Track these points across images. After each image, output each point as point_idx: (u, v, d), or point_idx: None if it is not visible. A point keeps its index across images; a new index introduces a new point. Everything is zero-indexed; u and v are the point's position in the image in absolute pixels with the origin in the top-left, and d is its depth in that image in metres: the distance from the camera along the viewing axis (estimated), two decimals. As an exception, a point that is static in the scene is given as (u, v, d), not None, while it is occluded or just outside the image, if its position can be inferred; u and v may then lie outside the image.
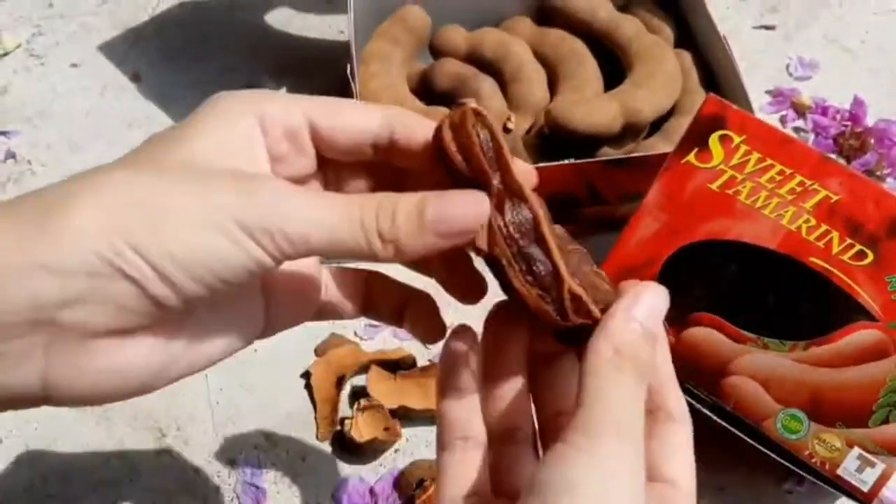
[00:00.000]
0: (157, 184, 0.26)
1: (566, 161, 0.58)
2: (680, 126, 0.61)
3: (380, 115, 0.30)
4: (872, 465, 0.46)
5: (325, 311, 0.35)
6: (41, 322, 0.24)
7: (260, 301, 0.31)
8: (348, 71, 0.61)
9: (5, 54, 0.75)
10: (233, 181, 0.26)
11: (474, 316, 0.34)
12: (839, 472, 0.46)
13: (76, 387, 0.26)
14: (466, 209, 0.28)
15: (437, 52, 0.68)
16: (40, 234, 0.24)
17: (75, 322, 0.25)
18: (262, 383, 0.57)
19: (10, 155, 0.69)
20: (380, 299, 0.35)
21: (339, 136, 0.30)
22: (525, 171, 0.31)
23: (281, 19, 0.77)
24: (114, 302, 0.25)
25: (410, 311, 0.34)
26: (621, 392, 0.27)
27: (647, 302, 0.29)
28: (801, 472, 0.47)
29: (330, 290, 0.34)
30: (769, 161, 0.48)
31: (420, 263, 0.34)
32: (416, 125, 0.30)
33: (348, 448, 0.54)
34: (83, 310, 0.25)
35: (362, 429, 0.53)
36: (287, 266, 0.29)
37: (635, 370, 0.27)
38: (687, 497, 0.29)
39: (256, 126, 0.29)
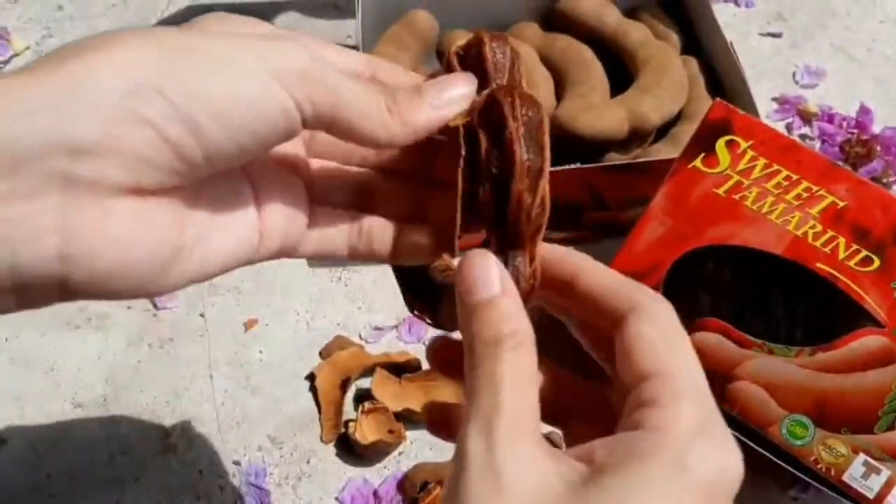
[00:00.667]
0: (184, 34, 0.25)
1: (572, 166, 0.58)
2: (686, 132, 0.61)
3: (363, 57, 0.31)
4: (878, 471, 0.46)
5: (313, 241, 0.33)
6: (54, 176, 0.23)
7: (253, 211, 0.30)
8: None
9: (15, 56, 0.75)
10: (260, 35, 0.26)
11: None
12: (845, 478, 0.46)
13: (96, 266, 0.24)
14: (454, 80, 0.30)
15: (444, 56, 0.68)
16: (52, 75, 0.23)
17: (89, 176, 0.23)
18: (267, 385, 0.57)
19: (19, 156, 0.69)
20: (371, 235, 0.33)
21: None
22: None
23: (289, 24, 0.78)
24: (131, 152, 0.24)
25: (403, 243, 0.33)
26: (478, 395, 0.25)
27: (473, 272, 0.27)
28: (806, 479, 0.47)
29: (318, 216, 0.33)
30: (776, 167, 0.48)
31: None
32: (398, 70, 0.32)
33: (353, 450, 0.54)
34: (98, 162, 0.23)
35: (366, 431, 0.53)
36: (275, 183, 0.30)
37: (490, 362, 0.25)
38: (683, 379, 0.25)
39: None
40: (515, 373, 0.25)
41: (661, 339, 0.26)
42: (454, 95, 0.30)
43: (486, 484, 0.23)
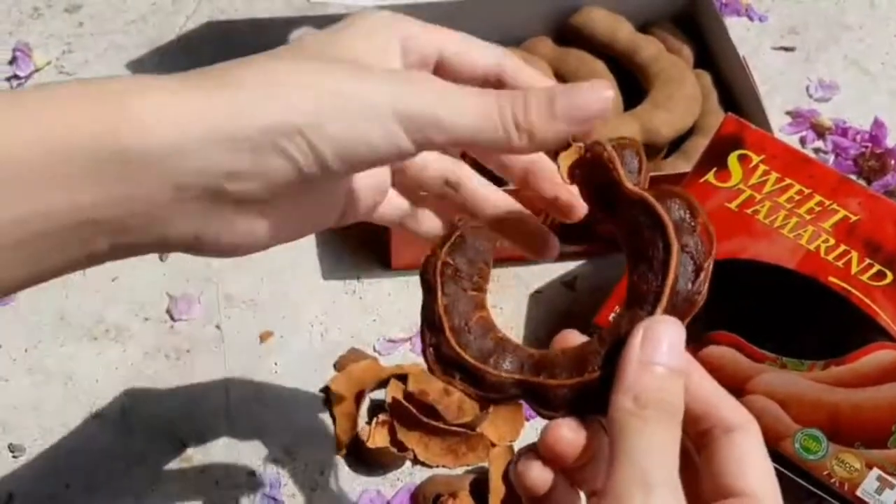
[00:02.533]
0: (322, 70, 0.28)
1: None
2: (699, 146, 0.61)
3: (497, 52, 0.33)
4: (892, 486, 0.45)
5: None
6: (209, 189, 0.27)
7: (344, 189, 0.34)
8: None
9: (36, 71, 0.77)
10: (392, 74, 0.29)
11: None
12: (858, 493, 0.46)
13: (220, 242, 0.30)
14: (592, 95, 0.29)
15: (458, 71, 0.68)
16: (213, 106, 0.27)
17: (236, 191, 0.28)
18: (282, 397, 0.57)
19: (39, 169, 0.70)
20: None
21: (462, 70, 0.33)
22: None
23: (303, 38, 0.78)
24: (270, 177, 0.28)
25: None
26: (647, 443, 0.25)
27: (661, 338, 0.27)
28: (820, 493, 0.47)
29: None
30: (788, 181, 0.48)
31: (494, 225, 0.37)
32: (524, 68, 0.34)
33: (362, 458, 0.54)
34: (245, 182, 0.27)
35: (376, 437, 0.54)
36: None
37: (661, 415, 0.26)
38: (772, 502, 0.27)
39: (398, 45, 0.31)
40: (676, 447, 0.26)
41: (766, 463, 0.28)
42: (591, 109, 0.29)
43: None
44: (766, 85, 0.73)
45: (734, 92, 0.66)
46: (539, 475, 0.29)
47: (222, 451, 0.55)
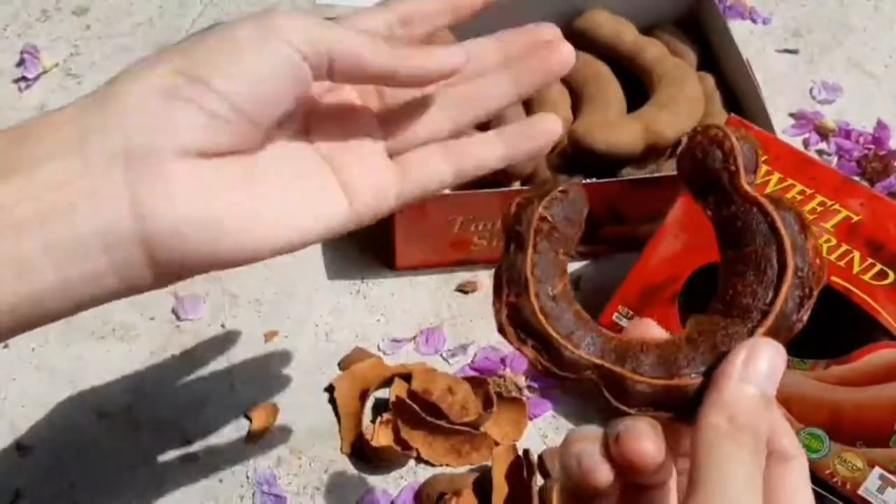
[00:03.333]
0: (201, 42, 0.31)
1: (589, 181, 0.58)
2: (702, 147, 0.61)
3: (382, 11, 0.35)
4: (894, 484, 0.46)
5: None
6: (115, 153, 0.28)
7: (328, 173, 0.34)
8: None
9: (44, 73, 0.77)
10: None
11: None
12: (861, 491, 0.46)
13: (171, 213, 0.29)
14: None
15: (462, 73, 0.69)
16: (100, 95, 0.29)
17: (142, 148, 0.28)
18: (287, 396, 0.58)
19: (47, 170, 0.71)
20: None
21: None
22: None
23: (310, 41, 0.79)
24: (176, 124, 0.28)
25: None
26: (738, 469, 0.24)
27: (765, 361, 0.26)
28: (822, 492, 0.47)
29: None
30: (790, 181, 0.49)
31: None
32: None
33: (366, 456, 0.54)
34: (148, 136, 0.28)
35: (380, 436, 0.54)
36: (341, 137, 0.35)
37: (753, 443, 0.25)
38: None
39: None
40: (761, 478, 0.25)
41: (811, 495, 0.28)
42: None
43: None
44: (769, 87, 0.73)
45: (737, 94, 0.66)
46: (605, 475, 0.27)
47: (227, 449, 0.56)
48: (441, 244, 0.60)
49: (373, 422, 0.56)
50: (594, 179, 0.59)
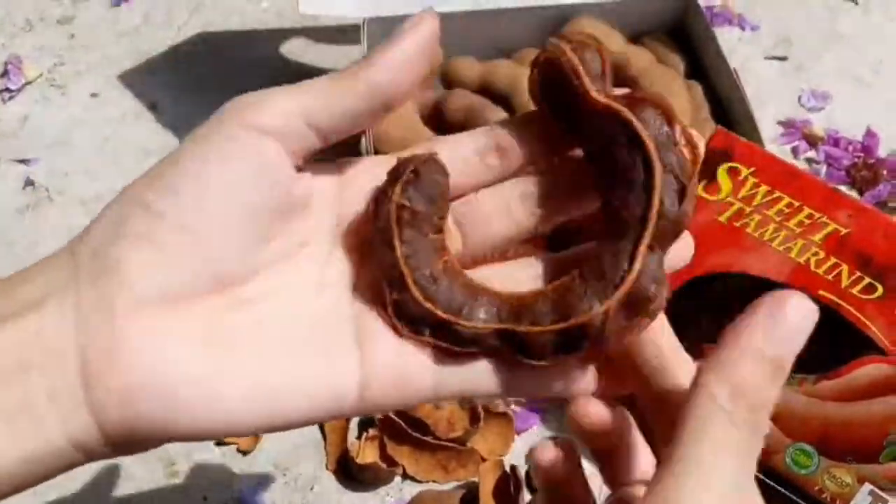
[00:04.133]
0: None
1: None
2: (690, 157, 0.61)
3: (479, 131, 0.29)
4: (885, 501, 0.45)
5: None
6: (68, 310, 0.24)
7: (353, 346, 0.27)
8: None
9: (27, 83, 0.77)
10: None
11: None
12: (850, 508, 0.46)
13: (116, 380, 0.23)
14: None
15: (449, 83, 0.68)
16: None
17: (93, 298, 0.24)
18: (272, 411, 0.57)
19: (30, 182, 0.70)
20: None
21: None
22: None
23: (296, 50, 0.78)
24: (128, 268, 0.24)
25: None
26: (732, 456, 0.22)
27: (788, 322, 0.22)
28: (811, 508, 0.47)
29: None
30: (777, 193, 0.48)
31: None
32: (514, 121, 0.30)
33: (351, 473, 0.54)
34: (98, 284, 0.24)
35: (366, 453, 0.53)
36: None
37: (756, 426, 0.22)
38: None
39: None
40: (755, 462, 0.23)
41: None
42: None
43: None
44: (757, 95, 0.73)
45: (726, 103, 0.65)
46: (556, 459, 0.27)
47: (211, 467, 0.55)
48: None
49: (358, 438, 0.55)
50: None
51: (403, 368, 0.26)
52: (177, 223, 0.24)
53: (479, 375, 0.27)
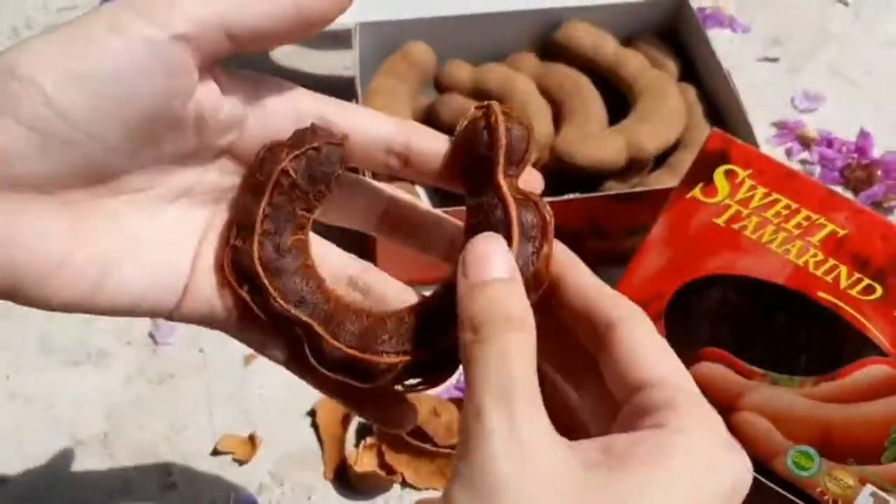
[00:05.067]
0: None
1: (571, 196, 0.58)
2: (685, 160, 0.61)
3: (394, 122, 0.30)
4: (886, 502, 0.45)
5: None
6: None
7: (188, 256, 0.29)
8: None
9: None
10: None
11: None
12: (852, 510, 0.45)
13: (33, 258, 0.25)
14: None
15: (441, 87, 0.68)
16: None
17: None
18: (268, 420, 0.56)
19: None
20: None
21: (353, 139, 0.29)
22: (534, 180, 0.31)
23: (288, 55, 0.78)
24: None
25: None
26: (492, 364, 0.24)
27: (482, 255, 0.26)
28: (813, 510, 0.46)
29: None
30: (775, 195, 0.48)
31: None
32: (432, 136, 0.30)
33: (350, 482, 0.53)
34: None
35: (364, 461, 0.53)
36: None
37: (495, 327, 0.24)
38: (677, 384, 0.26)
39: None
40: (526, 353, 0.24)
41: (662, 348, 0.27)
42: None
43: (513, 458, 0.22)
44: (750, 96, 0.73)
45: (719, 105, 0.65)
46: None
47: (207, 476, 0.54)
48: (421, 262, 0.59)
49: (356, 446, 0.55)
50: (577, 195, 0.58)
51: (215, 302, 0.29)
52: (51, 98, 0.24)
53: (270, 347, 0.30)
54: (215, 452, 0.55)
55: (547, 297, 0.28)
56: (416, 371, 0.28)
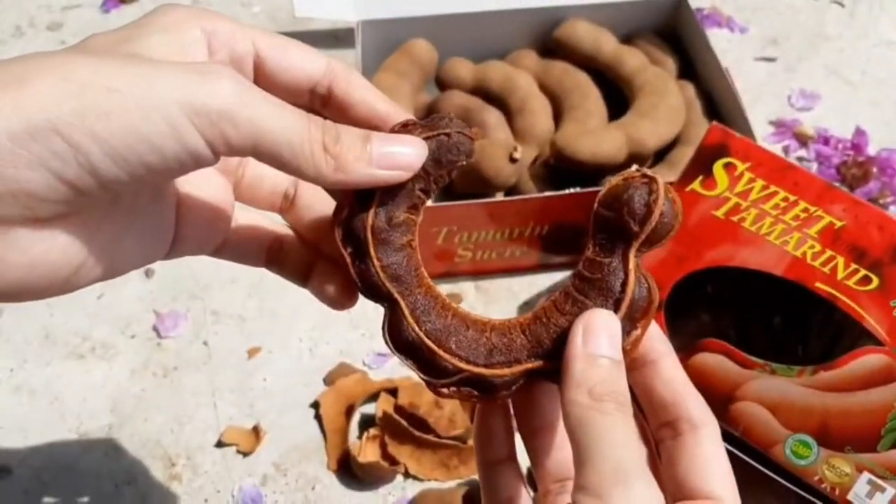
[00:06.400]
0: (94, 62, 0.24)
1: (571, 190, 0.58)
2: (684, 156, 0.62)
3: (325, 61, 0.30)
4: (882, 489, 0.46)
5: (230, 248, 0.34)
6: None
7: (172, 216, 0.31)
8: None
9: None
10: (185, 66, 0.25)
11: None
12: (849, 497, 0.46)
13: (5, 275, 0.25)
14: (408, 148, 0.29)
15: (443, 84, 0.69)
16: None
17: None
18: (271, 413, 0.57)
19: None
20: (287, 255, 0.34)
21: (283, 74, 0.30)
22: None
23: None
24: (25, 192, 0.24)
25: (319, 271, 0.34)
26: (613, 435, 0.26)
27: (601, 331, 0.28)
28: (811, 498, 0.47)
29: (240, 226, 0.34)
30: (773, 188, 0.49)
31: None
32: (357, 80, 0.31)
33: (353, 473, 0.54)
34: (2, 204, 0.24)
35: (367, 452, 0.53)
36: (201, 189, 0.30)
37: (618, 406, 0.26)
38: None
39: (204, 42, 0.28)
40: (636, 435, 0.27)
41: (727, 467, 0.29)
42: (401, 161, 0.28)
43: None
44: (748, 95, 0.74)
45: (717, 102, 0.66)
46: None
47: (212, 467, 0.55)
48: (424, 256, 0.59)
49: (359, 438, 0.55)
50: (577, 189, 0.59)
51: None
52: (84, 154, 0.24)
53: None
54: (219, 444, 0.56)
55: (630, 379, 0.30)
56: (474, 385, 0.29)
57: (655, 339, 0.31)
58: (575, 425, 0.26)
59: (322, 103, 0.31)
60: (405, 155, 0.28)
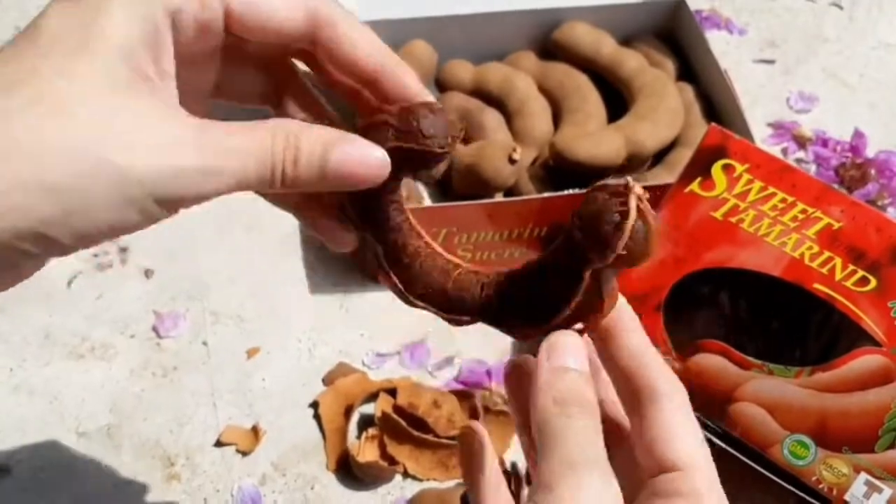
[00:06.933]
0: (65, 128, 0.25)
1: (570, 191, 0.59)
2: (682, 158, 0.62)
3: (303, 12, 0.30)
4: (880, 490, 0.46)
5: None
6: None
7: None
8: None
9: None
10: (152, 140, 0.26)
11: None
12: (847, 497, 0.46)
13: None
14: (365, 157, 0.29)
15: (443, 86, 0.69)
16: None
17: None
18: (270, 413, 0.57)
19: None
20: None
21: (256, 32, 0.29)
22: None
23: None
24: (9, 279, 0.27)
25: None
26: (567, 433, 0.27)
27: (564, 347, 0.29)
28: (809, 499, 0.47)
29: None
30: (771, 189, 0.49)
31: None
32: (345, 31, 0.31)
33: (352, 472, 0.54)
34: None
35: (366, 452, 0.53)
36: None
37: (580, 409, 0.27)
38: (703, 473, 0.28)
39: (168, 20, 0.28)
40: (600, 434, 0.28)
41: (696, 433, 0.29)
42: (359, 174, 0.29)
43: None
44: (746, 97, 0.74)
45: (716, 104, 0.66)
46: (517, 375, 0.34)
47: (210, 467, 0.55)
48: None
49: (358, 437, 0.55)
50: (576, 190, 0.59)
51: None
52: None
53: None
54: (218, 444, 0.56)
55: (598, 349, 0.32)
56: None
57: (622, 312, 0.31)
58: (537, 430, 0.27)
59: (307, 59, 0.31)
60: (363, 175, 0.29)
